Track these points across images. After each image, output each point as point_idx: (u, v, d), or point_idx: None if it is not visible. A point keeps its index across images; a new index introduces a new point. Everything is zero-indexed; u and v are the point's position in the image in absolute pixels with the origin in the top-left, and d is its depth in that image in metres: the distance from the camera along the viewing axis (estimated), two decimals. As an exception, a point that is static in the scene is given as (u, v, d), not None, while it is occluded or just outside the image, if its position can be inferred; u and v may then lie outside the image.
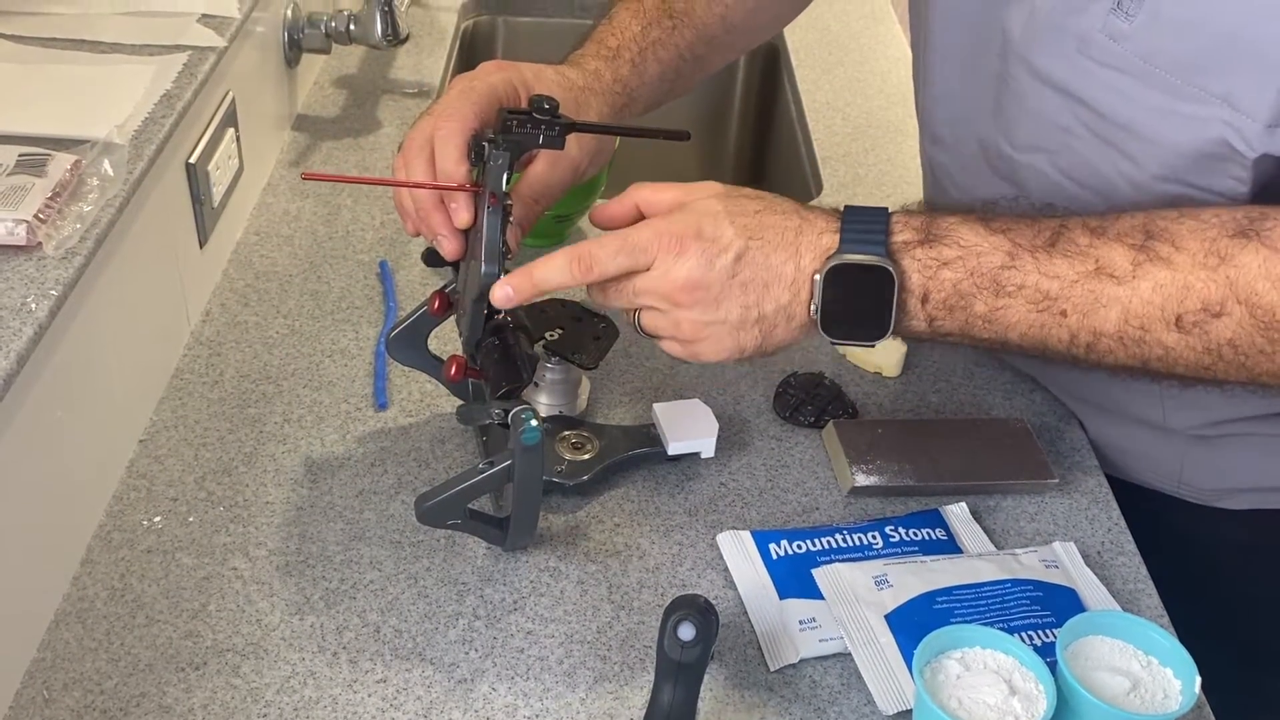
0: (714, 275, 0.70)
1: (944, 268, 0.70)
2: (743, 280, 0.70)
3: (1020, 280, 0.69)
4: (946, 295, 0.70)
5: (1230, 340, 0.67)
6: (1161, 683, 0.66)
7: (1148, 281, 0.67)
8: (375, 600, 0.76)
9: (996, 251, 0.69)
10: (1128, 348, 0.68)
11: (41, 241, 0.72)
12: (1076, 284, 0.68)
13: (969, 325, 0.70)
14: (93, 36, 0.94)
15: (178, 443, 0.86)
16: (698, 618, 0.63)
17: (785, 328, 0.72)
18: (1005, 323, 0.70)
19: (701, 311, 0.71)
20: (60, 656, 0.72)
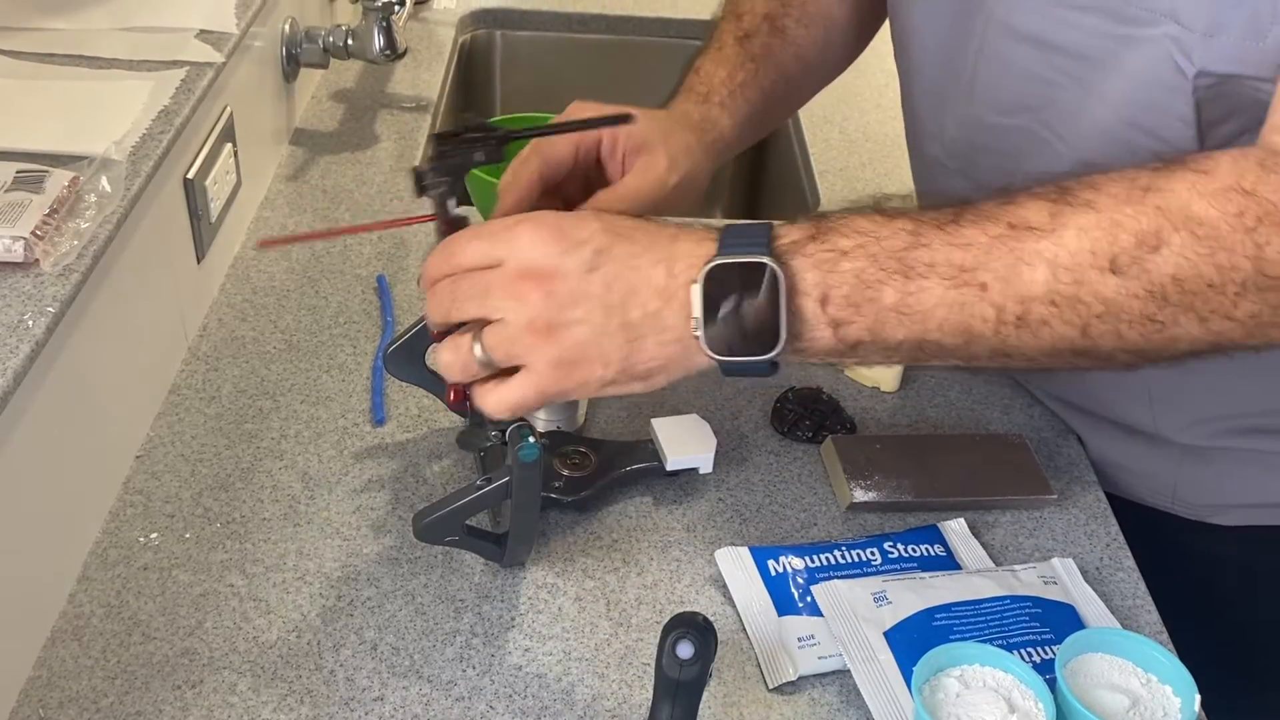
0: (569, 265, 0.62)
1: (843, 258, 0.61)
2: (604, 277, 0.62)
3: (930, 257, 0.61)
4: (849, 290, 0.61)
5: (1174, 275, 0.59)
6: (1161, 700, 0.66)
7: (1070, 229, 0.60)
8: (372, 617, 0.76)
9: (899, 232, 0.62)
10: (1063, 311, 0.60)
11: (39, 258, 0.72)
12: (992, 248, 0.60)
13: (880, 323, 0.62)
14: (91, 52, 0.94)
15: (174, 459, 0.86)
16: (697, 635, 0.63)
17: (656, 341, 0.63)
18: (921, 310, 0.61)
19: (550, 307, 0.62)
20: (56, 674, 0.71)
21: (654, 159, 0.80)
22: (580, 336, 0.62)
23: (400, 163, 1.23)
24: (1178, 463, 0.88)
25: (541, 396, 0.65)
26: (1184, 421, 0.85)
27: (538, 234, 0.63)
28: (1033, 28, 0.74)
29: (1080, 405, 0.93)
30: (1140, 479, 0.91)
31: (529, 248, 0.63)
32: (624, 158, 0.81)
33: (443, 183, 0.71)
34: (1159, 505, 0.91)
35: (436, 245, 0.69)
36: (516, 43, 1.59)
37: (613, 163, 0.82)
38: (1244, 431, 0.84)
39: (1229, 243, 0.58)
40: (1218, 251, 0.58)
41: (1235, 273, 0.58)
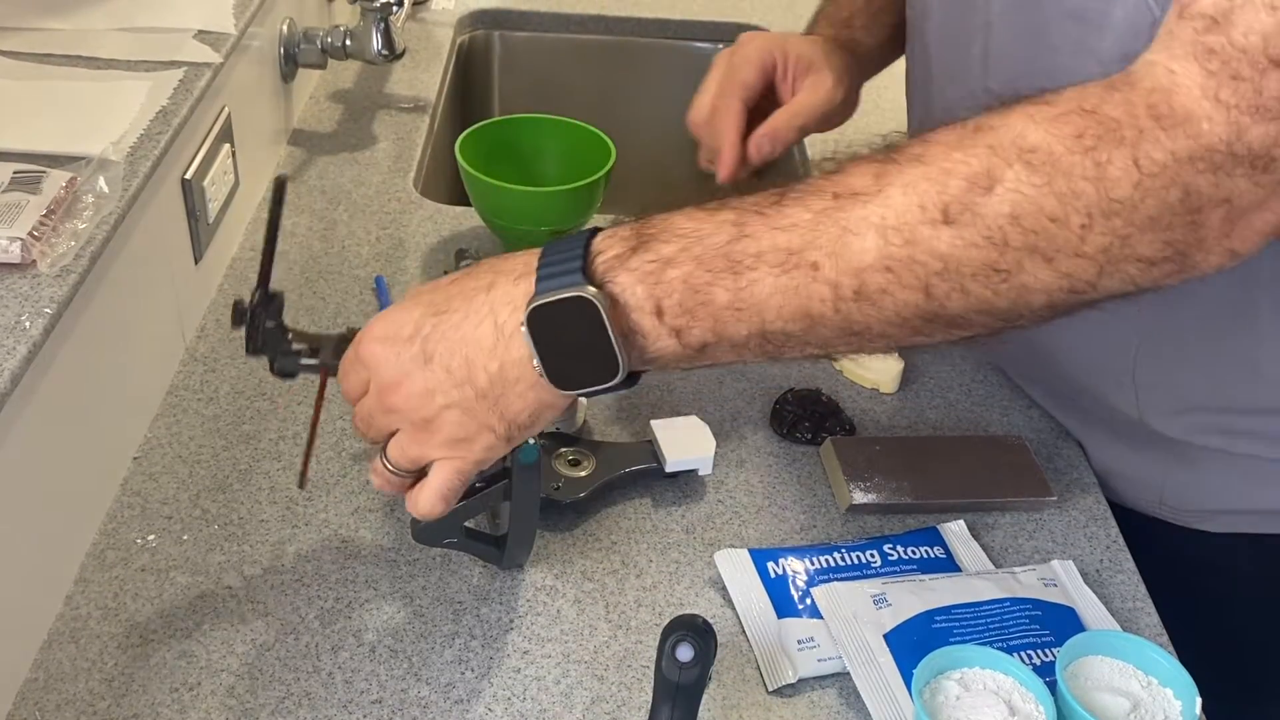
0: (408, 366, 0.63)
1: (667, 267, 0.59)
2: (441, 364, 0.62)
3: (755, 247, 0.58)
4: (680, 297, 0.59)
5: (1011, 214, 0.54)
6: (1162, 704, 0.66)
7: (895, 187, 0.56)
8: (370, 620, 0.75)
9: (722, 226, 0.59)
10: (900, 275, 0.56)
11: (36, 259, 0.72)
12: (817, 224, 0.57)
13: (720, 324, 0.59)
14: (88, 53, 0.94)
15: (172, 460, 0.86)
16: (696, 638, 0.62)
17: (516, 393, 0.62)
18: (755, 303, 0.58)
19: (417, 407, 0.63)
20: (53, 677, 0.71)
21: (821, 76, 0.92)
22: (453, 418, 0.63)
23: (399, 163, 1.23)
24: (1165, 466, 0.88)
25: (461, 474, 0.66)
26: (1169, 409, 0.84)
27: (373, 352, 0.64)
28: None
29: (1073, 401, 0.92)
30: (1131, 483, 0.91)
31: (376, 365, 0.64)
32: (793, 80, 0.93)
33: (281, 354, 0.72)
34: (1149, 511, 0.91)
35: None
36: (515, 44, 1.58)
37: (784, 85, 0.93)
38: (1231, 433, 0.84)
39: (1066, 166, 0.53)
40: (1055, 178, 0.54)
41: (1077, 200, 0.54)
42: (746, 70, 0.92)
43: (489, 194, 1.04)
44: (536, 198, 1.04)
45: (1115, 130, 0.54)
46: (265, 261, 0.70)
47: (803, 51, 0.93)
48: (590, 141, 1.11)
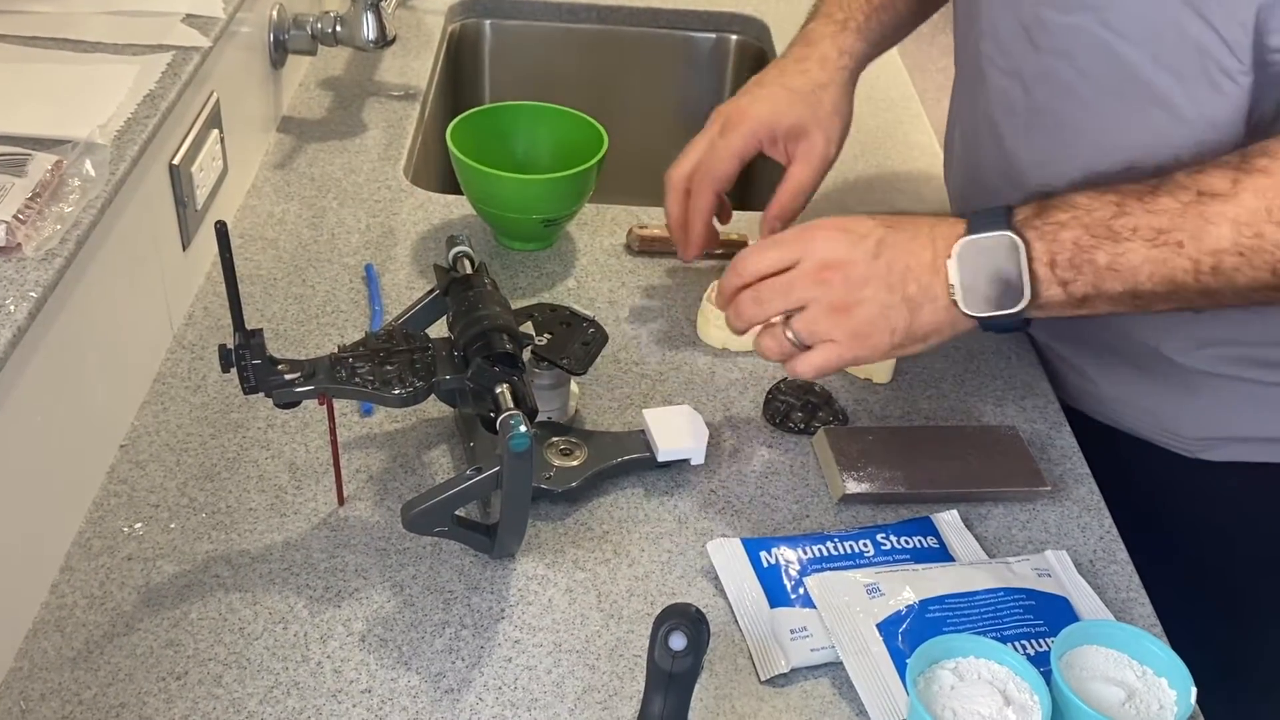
0: (858, 255, 0.76)
1: (1061, 229, 0.74)
2: (886, 261, 0.76)
3: (1133, 224, 0.72)
4: (1070, 254, 0.73)
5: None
6: (1156, 693, 0.66)
7: (1248, 190, 0.70)
8: (360, 609, 0.75)
9: (1106, 205, 0.73)
10: (1250, 259, 0.70)
11: (21, 243, 0.71)
12: (1183, 213, 0.71)
13: (1099, 280, 0.73)
14: (75, 35, 0.93)
15: (159, 448, 0.85)
16: (689, 627, 0.62)
17: (930, 309, 0.76)
18: (1129, 267, 0.72)
19: (847, 290, 0.76)
20: (38, 666, 0.70)
21: (812, 143, 0.96)
22: (871, 311, 0.76)
23: (389, 151, 1.22)
24: (1174, 393, 0.89)
25: (843, 361, 0.78)
26: (1190, 343, 0.87)
27: (829, 235, 0.78)
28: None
29: (1088, 337, 0.94)
30: (1131, 409, 0.93)
31: (824, 246, 0.77)
32: (785, 147, 0.97)
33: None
34: (1153, 439, 0.93)
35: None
36: (505, 32, 1.57)
37: (776, 151, 0.97)
38: (1240, 360, 0.86)
39: None
40: None
41: None
42: (727, 164, 0.96)
43: (480, 181, 1.03)
44: (528, 185, 1.03)
45: None
46: (233, 304, 0.71)
47: (790, 121, 0.95)
48: (582, 129, 1.10)
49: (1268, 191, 0.69)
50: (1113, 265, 0.73)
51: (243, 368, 0.72)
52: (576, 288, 1.05)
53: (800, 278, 0.77)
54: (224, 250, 0.69)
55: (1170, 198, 0.72)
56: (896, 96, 1.42)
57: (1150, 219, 0.72)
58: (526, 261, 1.07)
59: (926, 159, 1.30)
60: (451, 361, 0.77)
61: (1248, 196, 0.70)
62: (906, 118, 1.38)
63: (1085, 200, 0.74)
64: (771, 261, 0.79)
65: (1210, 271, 0.71)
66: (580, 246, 1.10)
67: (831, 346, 0.78)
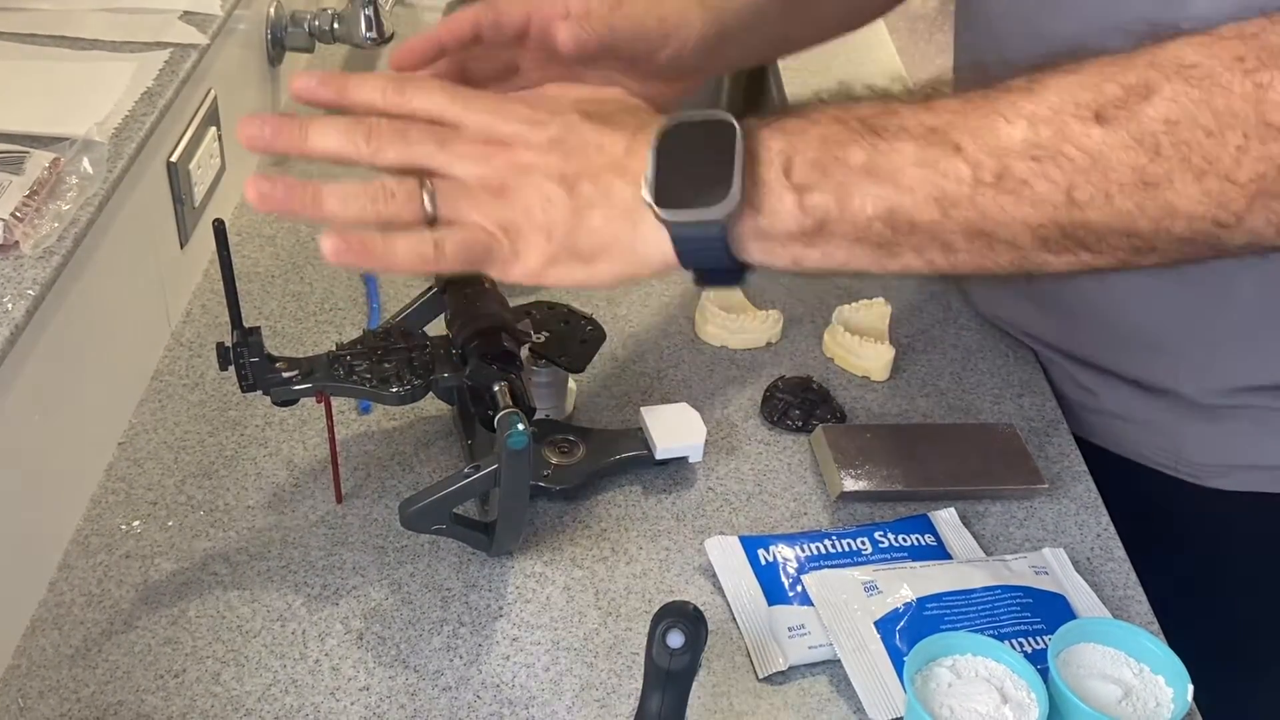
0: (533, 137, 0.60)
1: (811, 126, 0.57)
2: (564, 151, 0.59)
3: (900, 122, 0.57)
4: (815, 154, 0.57)
5: (1166, 118, 0.53)
6: (1154, 691, 0.66)
7: (1051, 87, 0.55)
8: (358, 606, 0.75)
9: (869, 104, 0.58)
10: (1044, 166, 0.55)
11: (19, 240, 0.71)
12: (967, 109, 0.56)
13: (846, 189, 0.56)
14: (73, 33, 0.93)
15: (157, 446, 0.85)
16: (687, 625, 0.62)
17: (603, 214, 0.58)
18: (890, 170, 0.56)
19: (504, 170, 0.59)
20: (36, 664, 0.70)
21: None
22: (528, 200, 0.59)
23: (386, 149, 1.22)
24: (1186, 421, 0.88)
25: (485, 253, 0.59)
26: (1208, 386, 0.85)
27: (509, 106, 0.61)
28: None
29: (1099, 364, 0.92)
30: (1147, 437, 0.91)
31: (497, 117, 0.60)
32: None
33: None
34: (1163, 467, 0.91)
35: None
36: (504, 29, 1.57)
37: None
38: (1254, 389, 0.84)
39: (1225, 82, 0.53)
40: (1214, 94, 0.53)
41: (1234, 119, 0.53)
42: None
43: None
44: (526, 183, 1.03)
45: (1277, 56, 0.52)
46: (231, 302, 0.71)
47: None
48: (580, 127, 1.09)
49: (1074, 85, 0.55)
50: (870, 166, 0.56)
51: (241, 365, 0.72)
52: (574, 285, 1.05)
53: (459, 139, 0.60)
54: (222, 248, 0.69)
55: (952, 99, 0.57)
56: (894, 94, 1.42)
57: (925, 116, 0.56)
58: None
59: (924, 157, 1.30)
60: (449, 359, 0.77)
61: (1050, 91, 0.55)
62: (904, 115, 1.38)
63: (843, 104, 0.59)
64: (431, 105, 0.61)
65: (994, 181, 0.55)
66: (578, 244, 1.10)
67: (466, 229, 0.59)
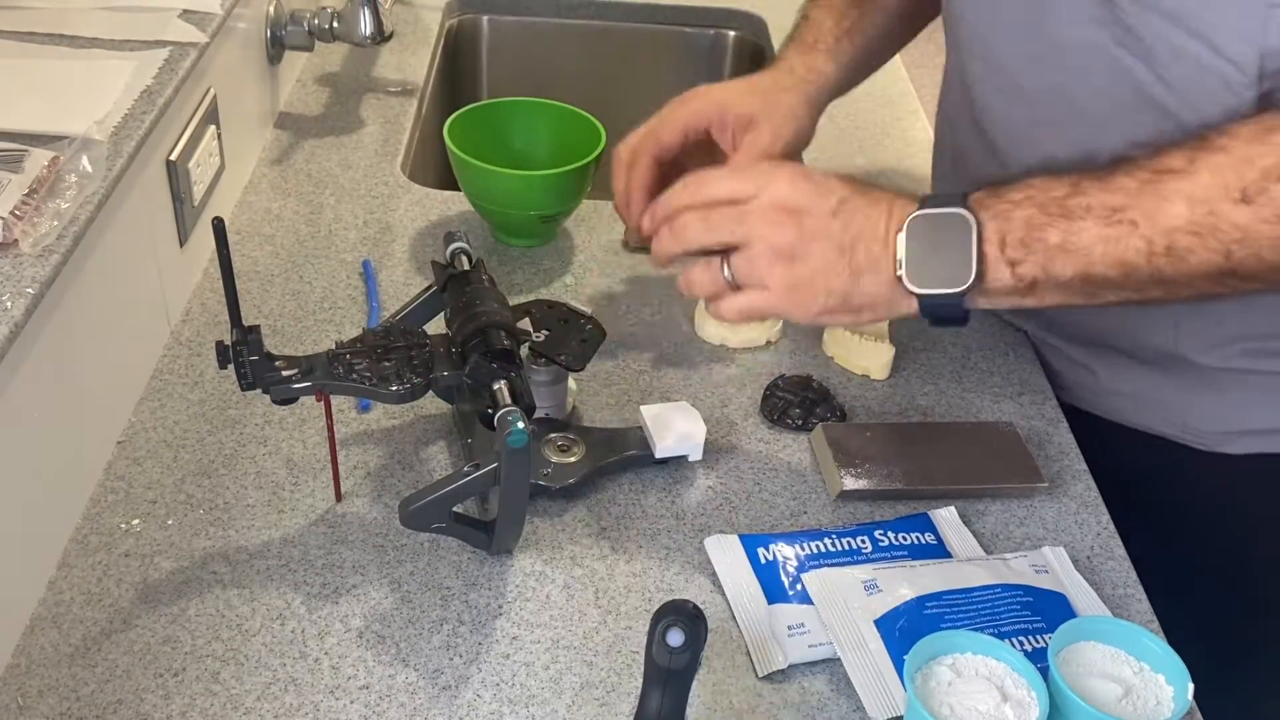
0: (818, 206, 0.74)
1: (1015, 209, 0.73)
2: (843, 221, 0.74)
3: (1087, 202, 0.71)
4: (1022, 234, 0.72)
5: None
6: (1154, 689, 0.65)
7: (1205, 168, 0.69)
8: (358, 605, 0.75)
9: (1060, 184, 0.72)
10: (1205, 239, 0.69)
11: (18, 239, 0.71)
12: (1139, 191, 0.70)
13: (1049, 261, 0.72)
14: (72, 31, 0.93)
15: (157, 444, 0.85)
16: (687, 623, 0.62)
17: (872, 279, 0.74)
18: (1082, 246, 0.71)
19: (798, 238, 0.74)
20: (35, 663, 0.70)
21: (758, 135, 0.92)
22: (815, 266, 0.74)
23: (386, 147, 1.22)
24: (1191, 389, 0.89)
25: (770, 310, 0.77)
26: (1207, 344, 0.87)
27: (794, 177, 0.76)
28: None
29: (1095, 333, 0.94)
30: (1153, 407, 0.92)
31: (786, 187, 0.75)
32: (733, 134, 0.93)
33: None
34: (1169, 435, 0.92)
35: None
36: (503, 27, 1.57)
37: (724, 137, 0.94)
38: (1258, 353, 0.86)
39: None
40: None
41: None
42: (669, 131, 0.93)
43: (478, 178, 1.03)
44: (526, 181, 1.03)
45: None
46: (230, 301, 0.71)
47: (742, 109, 0.93)
48: (580, 125, 1.10)
49: (1224, 169, 0.68)
50: (1065, 245, 0.71)
51: (240, 364, 0.72)
52: (574, 284, 1.05)
53: (755, 212, 0.75)
54: (221, 247, 0.69)
55: (1127, 177, 0.71)
56: (895, 93, 1.42)
57: (1106, 197, 0.71)
58: (524, 258, 1.07)
59: (925, 155, 1.29)
60: (449, 358, 0.77)
61: (1204, 174, 0.69)
62: (905, 114, 1.38)
63: (1041, 180, 0.73)
64: (729, 189, 0.77)
65: (1164, 252, 0.70)
66: (578, 243, 1.10)
67: (762, 294, 0.76)
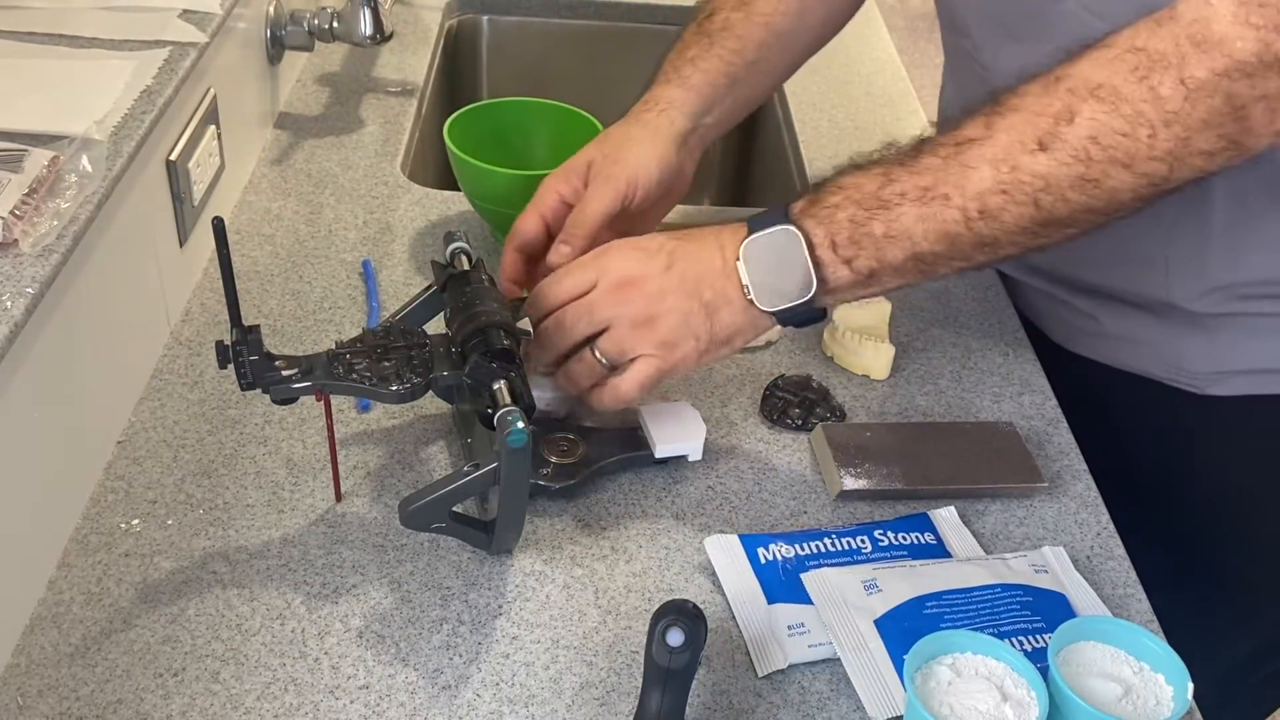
0: (652, 269, 0.78)
1: (836, 211, 0.76)
2: (679, 272, 0.78)
3: (899, 188, 0.74)
4: (848, 232, 0.75)
5: (1090, 136, 0.69)
6: (1153, 689, 0.65)
7: (1001, 129, 0.72)
8: (358, 605, 0.75)
9: (872, 178, 0.76)
10: (1012, 195, 0.71)
11: (18, 239, 0.71)
12: (944, 166, 0.73)
13: (880, 251, 0.75)
14: (72, 31, 0.93)
15: (156, 444, 0.85)
16: (687, 623, 0.62)
17: (728, 311, 0.78)
18: (904, 230, 0.74)
19: (648, 303, 0.77)
20: (35, 662, 0.70)
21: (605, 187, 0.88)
22: (674, 321, 0.77)
23: (386, 147, 1.22)
24: (1183, 335, 0.91)
25: (660, 373, 0.79)
26: (1198, 290, 0.88)
27: (621, 253, 0.79)
28: None
29: (1094, 285, 0.96)
30: (1147, 350, 0.94)
31: (618, 264, 0.79)
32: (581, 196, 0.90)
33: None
34: (1162, 378, 0.94)
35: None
36: (503, 27, 1.57)
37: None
38: (1250, 297, 0.87)
39: (1127, 94, 0.68)
40: (1120, 105, 0.69)
41: (1140, 118, 0.68)
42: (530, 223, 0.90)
43: (477, 178, 1.03)
44: (526, 181, 1.03)
45: (1162, 59, 0.68)
46: (230, 301, 0.71)
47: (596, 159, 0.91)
48: (579, 125, 1.10)
49: (1018, 126, 0.71)
50: (889, 233, 0.74)
51: (240, 364, 0.72)
52: (574, 284, 1.05)
53: (600, 298, 0.78)
54: (221, 247, 0.69)
55: (932, 155, 0.74)
56: (895, 93, 1.42)
57: (915, 179, 0.74)
58: (524, 258, 1.07)
59: (924, 155, 1.30)
60: (449, 358, 0.77)
61: (1000, 135, 0.72)
62: (905, 114, 1.38)
63: (852, 179, 0.76)
64: (569, 288, 0.79)
65: (979, 216, 0.72)
66: (578, 243, 1.10)
67: (644, 361, 0.78)
